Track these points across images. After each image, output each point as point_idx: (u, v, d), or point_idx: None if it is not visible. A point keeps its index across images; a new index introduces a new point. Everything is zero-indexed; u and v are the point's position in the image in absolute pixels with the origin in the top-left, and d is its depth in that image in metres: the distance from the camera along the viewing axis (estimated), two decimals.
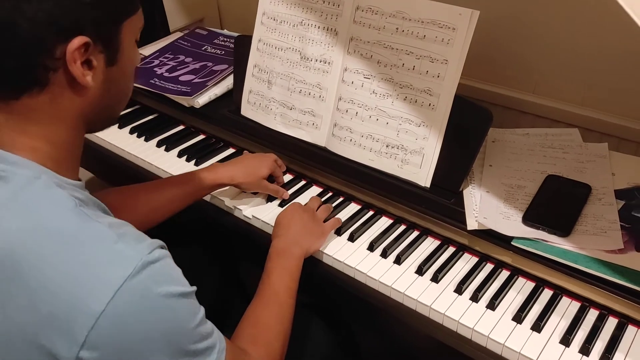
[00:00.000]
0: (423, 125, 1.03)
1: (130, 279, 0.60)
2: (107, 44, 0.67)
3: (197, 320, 0.67)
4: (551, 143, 1.14)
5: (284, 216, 1.02)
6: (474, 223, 0.96)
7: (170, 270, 0.66)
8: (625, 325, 0.86)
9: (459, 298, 0.91)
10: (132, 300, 0.60)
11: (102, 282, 0.60)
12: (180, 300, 0.65)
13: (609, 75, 1.13)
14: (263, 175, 1.11)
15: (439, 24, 0.99)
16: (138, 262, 0.61)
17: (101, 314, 0.59)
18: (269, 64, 1.20)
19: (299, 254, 0.95)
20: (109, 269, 0.61)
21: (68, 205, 0.64)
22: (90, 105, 0.69)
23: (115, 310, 0.59)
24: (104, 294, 0.59)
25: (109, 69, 0.69)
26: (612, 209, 0.97)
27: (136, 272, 0.61)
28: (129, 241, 0.64)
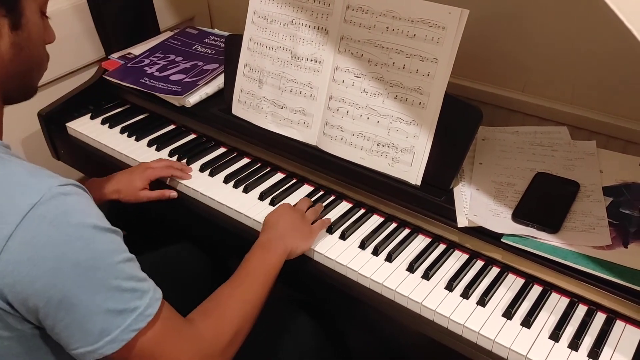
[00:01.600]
0: (413, 124, 1.04)
1: (38, 205, 0.62)
2: (9, 8, 0.71)
3: (120, 258, 0.68)
4: (540, 141, 1.15)
5: (273, 215, 1.02)
6: (465, 220, 0.97)
7: (85, 206, 0.67)
8: (613, 320, 0.87)
9: (449, 295, 0.92)
10: (40, 227, 0.62)
11: (9, 208, 0.63)
12: (96, 232, 0.66)
13: (598, 74, 1.14)
14: (137, 187, 1.12)
15: (428, 23, 0.99)
16: (47, 191, 0.64)
17: (9, 238, 0.61)
18: (259, 63, 1.20)
19: (281, 250, 0.94)
20: (18, 197, 0.63)
21: None
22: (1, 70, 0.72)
23: (23, 235, 0.62)
24: (12, 220, 0.62)
25: (15, 34, 0.73)
26: (600, 205, 0.98)
27: (45, 200, 0.63)
28: (41, 176, 0.66)
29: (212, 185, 1.17)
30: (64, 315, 0.65)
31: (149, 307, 0.69)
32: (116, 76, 1.42)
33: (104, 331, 0.66)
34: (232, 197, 1.14)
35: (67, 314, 0.65)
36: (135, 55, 1.50)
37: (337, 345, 1.11)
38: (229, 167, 1.23)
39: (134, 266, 0.71)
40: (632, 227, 0.93)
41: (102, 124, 1.39)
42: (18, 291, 0.63)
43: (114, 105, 1.46)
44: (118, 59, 1.50)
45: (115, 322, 0.66)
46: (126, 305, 0.67)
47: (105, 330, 0.66)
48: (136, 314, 0.68)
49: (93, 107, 1.44)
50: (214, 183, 1.18)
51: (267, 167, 1.22)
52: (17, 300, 0.64)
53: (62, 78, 1.48)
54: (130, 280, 0.68)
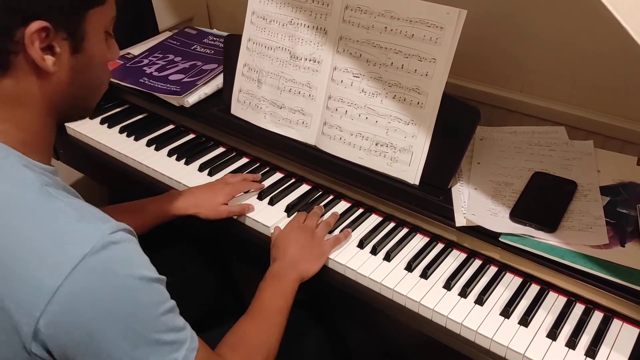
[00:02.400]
0: (412, 124, 1.04)
1: (88, 256, 0.60)
2: (71, 32, 0.68)
3: (163, 310, 0.66)
4: (538, 141, 1.15)
5: (282, 238, 1.00)
6: (463, 220, 0.97)
7: (133, 254, 0.65)
8: (610, 319, 0.87)
9: (447, 294, 0.92)
10: (89, 279, 0.60)
11: (60, 258, 0.60)
12: (142, 284, 0.64)
13: (596, 75, 1.15)
14: (218, 202, 1.09)
15: (427, 23, 1.00)
16: (98, 240, 0.61)
17: (57, 289, 0.59)
18: (258, 63, 1.21)
19: (293, 278, 0.94)
20: (68, 245, 0.61)
21: (33, 185, 0.65)
22: (58, 93, 0.70)
23: (72, 287, 0.60)
24: (62, 270, 0.60)
25: (75, 57, 0.70)
26: (597, 205, 0.98)
27: (95, 250, 0.61)
28: (91, 220, 0.64)
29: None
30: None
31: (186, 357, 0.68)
32: (115, 76, 1.42)
33: None
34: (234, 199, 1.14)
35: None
36: (134, 55, 1.51)
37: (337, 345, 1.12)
38: (228, 166, 1.23)
39: (175, 315, 0.69)
40: (629, 227, 0.93)
41: (101, 123, 1.39)
42: (59, 342, 0.61)
43: (113, 105, 1.46)
44: (117, 59, 1.50)
45: None
46: (164, 358, 0.66)
47: None
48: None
49: None
50: None
51: (266, 166, 1.23)
52: (57, 349, 0.62)
53: None
54: (170, 333, 0.67)
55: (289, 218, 1.09)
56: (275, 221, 1.08)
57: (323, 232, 1.02)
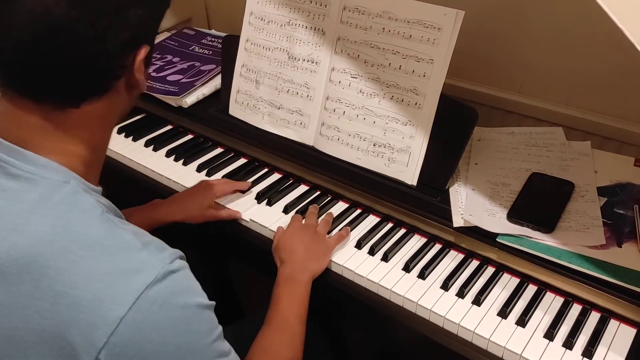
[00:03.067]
0: (409, 124, 1.04)
1: (151, 286, 0.60)
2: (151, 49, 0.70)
3: (214, 336, 0.67)
4: (535, 142, 1.15)
5: (286, 239, 1.00)
6: (460, 220, 0.97)
7: (189, 281, 0.66)
8: (607, 319, 0.88)
9: (445, 294, 0.93)
10: (151, 309, 0.60)
11: (124, 289, 0.60)
12: (198, 313, 0.65)
13: (593, 75, 1.15)
14: (204, 206, 1.08)
15: (424, 24, 1.00)
16: (160, 270, 0.61)
17: (121, 319, 0.59)
18: (256, 64, 1.21)
19: (306, 279, 0.94)
20: (132, 276, 0.61)
21: (95, 212, 0.64)
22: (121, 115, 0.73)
23: (134, 317, 0.59)
24: (126, 301, 0.59)
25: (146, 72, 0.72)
26: (594, 205, 0.98)
27: (157, 280, 0.61)
28: (152, 250, 0.64)
29: None
30: None
31: None
32: None
33: None
34: (229, 198, 1.14)
35: None
36: None
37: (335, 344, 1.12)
38: (226, 167, 1.23)
39: (223, 341, 0.69)
40: (626, 227, 0.94)
41: None
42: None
43: None
44: None
45: None
46: None
47: None
48: None
49: None
50: None
51: (264, 167, 1.23)
52: None
53: None
54: (220, 358, 0.68)
55: (287, 217, 1.09)
56: (273, 221, 1.08)
57: (324, 229, 1.02)
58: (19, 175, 0.63)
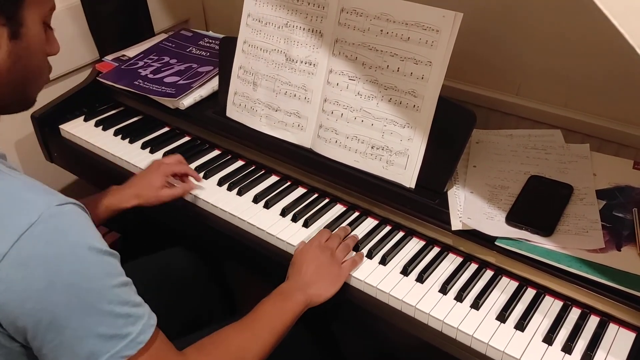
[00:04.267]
0: (408, 127, 1.04)
1: (35, 224, 0.61)
2: (9, 18, 0.69)
3: (115, 282, 0.66)
4: (534, 144, 1.15)
5: (300, 255, 0.97)
6: (458, 223, 0.97)
7: (83, 225, 0.66)
8: (606, 323, 0.87)
9: (443, 298, 0.92)
10: (36, 246, 0.61)
11: (8, 227, 0.61)
12: (91, 254, 0.65)
13: (592, 78, 1.15)
14: (157, 187, 1.08)
15: (422, 26, 1.00)
16: (45, 209, 0.62)
17: (4, 256, 0.60)
18: (254, 66, 1.20)
19: (300, 301, 0.89)
20: (15, 215, 0.62)
21: None
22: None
23: (18, 254, 0.61)
24: (8, 238, 0.61)
25: (13, 43, 0.71)
26: (593, 208, 0.98)
27: (43, 219, 0.62)
28: (38, 192, 0.65)
29: (205, 188, 1.17)
30: (53, 336, 0.64)
31: (141, 333, 0.68)
32: (110, 78, 1.42)
33: (92, 355, 0.65)
34: (226, 200, 1.13)
35: (56, 335, 0.64)
36: (129, 57, 1.50)
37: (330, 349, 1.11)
38: (223, 169, 1.23)
39: (130, 290, 0.69)
40: (625, 230, 0.93)
41: (95, 126, 1.38)
42: (9, 310, 0.62)
43: (107, 107, 1.45)
44: (112, 61, 1.49)
45: (105, 347, 0.65)
46: (118, 330, 0.66)
47: (93, 354, 0.65)
48: (127, 340, 0.66)
49: (87, 109, 1.43)
50: (207, 186, 1.18)
51: (261, 169, 1.22)
52: (7, 319, 0.63)
53: (56, 80, 1.47)
54: (124, 305, 0.67)
55: (284, 220, 1.08)
56: (271, 224, 1.07)
57: (342, 255, 0.98)
58: None
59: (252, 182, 1.18)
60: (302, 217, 1.08)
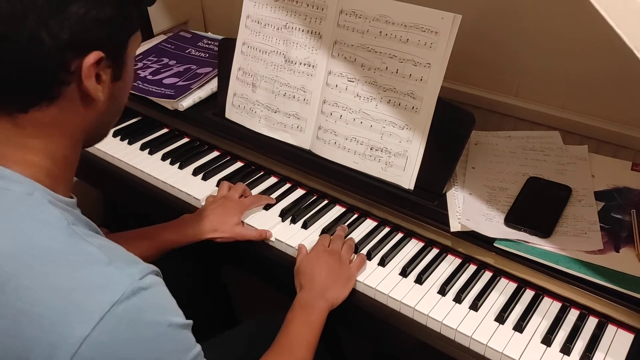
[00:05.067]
0: (406, 128, 1.04)
1: (118, 304, 0.57)
2: (116, 60, 0.66)
3: (190, 356, 0.64)
4: (532, 145, 1.15)
5: (308, 263, 0.96)
6: (457, 225, 0.97)
7: (162, 299, 0.63)
8: (605, 324, 0.87)
9: (442, 299, 0.92)
10: (118, 328, 0.57)
11: (89, 306, 0.57)
12: (170, 332, 0.62)
13: (590, 79, 1.15)
14: (234, 223, 1.05)
15: (421, 28, 1.00)
16: (128, 287, 0.58)
17: (85, 339, 0.56)
18: (253, 67, 1.20)
19: (323, 308, 0.90)
20: (97, 293, 0.58)
21: (60, 225, 0.61)
22: (94, 120, 0.68)
23: (99, 337, 0.56)
24: (90, 319, 0.56)
25: (114, 84, 0.68)
26: (592, 210, 0.98)
27: (125, 297, 0.58)
28: (120, 264, 0.61)
29: (205, 190, 1.17)
30: None
31: None
32: None
33: None
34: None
35: None
36: None
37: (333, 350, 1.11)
38: (222, 170, 1.23)
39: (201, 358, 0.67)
40: (624, 232, 0.94)
41: None
42: None
43: None
44: None
45: None
46: None
47: None
48: None
49: None
50: (207, 187, 1.18)
51: (260, 170, 1.22)
52: None
53: None
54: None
55: (284, 222, 1.08)
56: (269, 226, 1.07)
57: (348, 255, 0.98)
58: None
59: (251, 183, 1.18)
60: (301, 218, 1.08)
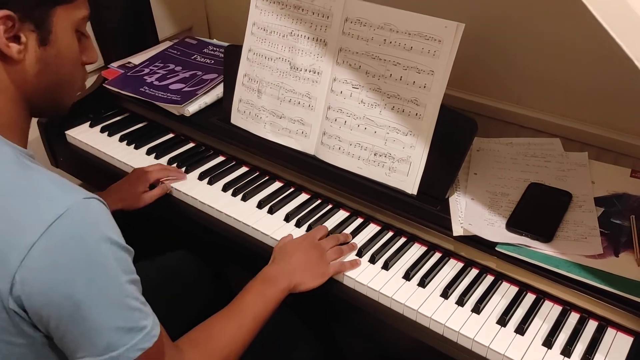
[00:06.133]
0: (410, 134, 1.06)
1: (63, 217, 0.63)
2: (38, 24, 0.71)
3: (130, 278, 0.69)
4: (534, 152, 1.17)
5: (291, 245, 1.00)
6: (460, 229, 0.99)
7: (107, 219, 0.68)
8: (604, 327, 0.89)
9: (445, 302, 0.94)
10: (62, 237, 0.63)
11: (37, 217, 0.63)
12: (114, 248, 0.67)
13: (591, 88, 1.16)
14: (139, 191, 1.16)
15: (425, 36, 1.02)
16: (72, 203, 0.65)
17: (33, 245, 0.62)
18: (259, 74, 1.22)
19: (284, 287, 0.93)
20: (45, 206, 0.64)
21: (10, 157, 0.69)
22: (27, 82, 0.73)
23: (46, 244, 0.62)
24: (38, 228, 0.63)
25: (43, 49, 0.72)
26: (592, 215, 1.00)
27: (70, 212, 0.64)
28: (67, 186, 0.68)
29: (210, 194, 1.18)
30: (74, 327, 0.65)
31: (153, 328, 0.70)
32: (116, 85, 1.43)
33: (110, 346, 0.67)
34: (231, 205, 1.15)
35: (78, 326, 0.65)
36: (135, 64, 1.52)
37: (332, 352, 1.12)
38: (227, 175, 1.24)
39: (139, 289, 0.71)
40: (623, 237, 0.95)
41: (101, 132, 1.40)
42: (34, 299, 0.64)
43: (113, 113, 1.47)
44: (118, 68, 1.51)
45: (123, 340, 0.67)
46: (135, 324, 0.68)
47: (111, 345, 0.67)
48: (143, 333, 0.69)
49: (92, 115, 1.45)
50: (212, 191, 1.19)
51: (265, 175, 1.24)
52: (32, 309, 0.65)
53: None
54: (137, 301, 0.69)
55: (288, 225, 1.10)
56: (275, 229, 1.09)
57: (333, 257, 1.00)
58: None
59: (256, 187, 1.20)
60: (306, 222, 1.10)
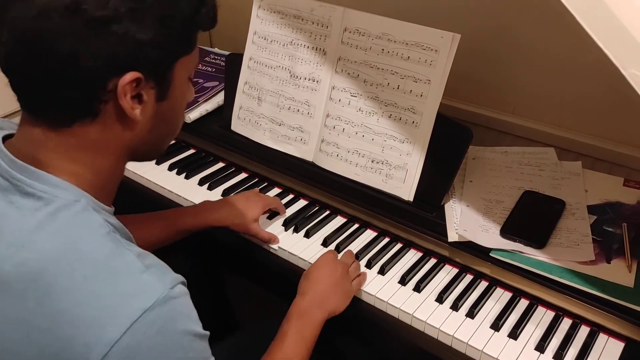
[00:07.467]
0: (407, 142, 1.08)
1: (149, 311, 0.60)
2: (160, 81, 0.67)
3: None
4: (528, 161, 1.19)
5: (315, 269, 0.97)
6: (455, 235, 1.00)
7: (189, 309, 0.66)
8: (596, 333, 0.90)
9: (439, 307, 0.95)
10: (147, 333, 0.60)
11: (122, 311, 0.60)
12: (194, 341, 0.65)
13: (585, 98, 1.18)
14: (252, 217, 1.08)
15: (422, 46, 1.04)
16: (160, 295, 0.61)
17: (115, 342, 0.58)
18: (259, 81, 1.24)
19: (320, 319, 0.91)
20: (131, 299, 0.61)
21: (103, 231, 0.64)
22: (137, 138, 0.70)
23: (129, 341, 0.59)
24: (122, 323, 0.59)
25: (159, 104, 0.69)
26: (584, 223, 1.02)
27: (156, 304, 0.60)
28: (155, 273, 0.64)
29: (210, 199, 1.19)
30: None
31: None
32: None
33: None
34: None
35: None
36: None
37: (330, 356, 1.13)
38: (227, 181, 1.26)
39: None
40: (615, 244, 0.97)
41: None
42: None
43: None
44: None
45: None
46: None
47: None
48: None
49: None
50: (212, 197, 1.20)
51: (264, 181, 1.26)
52: None
53: None
54: None
55: (287, 232, 1.11)
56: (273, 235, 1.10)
57: (355, 273, 0.99)
58: (32, 193, 0.64)
59: None
60: (304, 227, 1.12)
